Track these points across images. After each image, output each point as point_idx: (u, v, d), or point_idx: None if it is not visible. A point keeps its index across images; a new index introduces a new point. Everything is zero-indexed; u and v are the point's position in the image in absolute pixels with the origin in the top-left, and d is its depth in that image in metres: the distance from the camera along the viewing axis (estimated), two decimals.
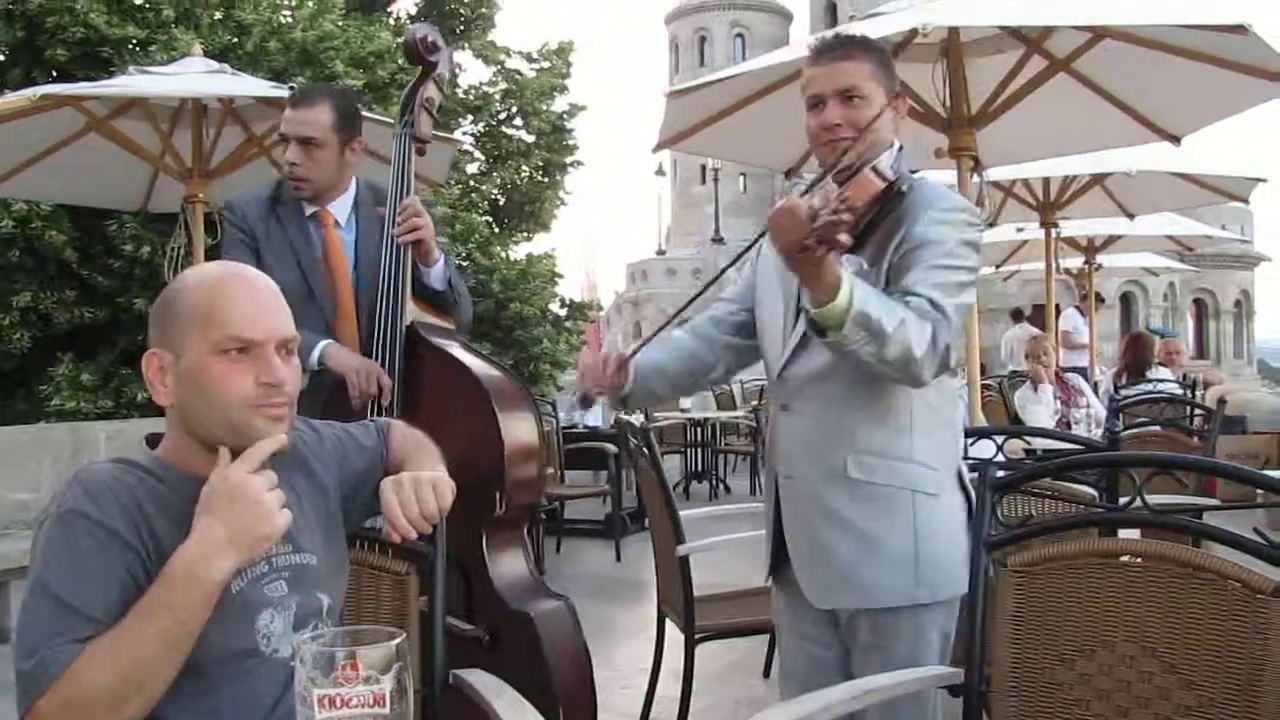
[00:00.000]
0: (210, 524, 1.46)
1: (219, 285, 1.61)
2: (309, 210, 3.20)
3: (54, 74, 10.04)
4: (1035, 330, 11.89)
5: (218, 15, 11.24)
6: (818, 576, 2.33)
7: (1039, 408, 6.25)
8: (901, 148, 2.29)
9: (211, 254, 5.50)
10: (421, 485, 1.69)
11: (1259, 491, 1.94)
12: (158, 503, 1.55)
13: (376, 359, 3.04)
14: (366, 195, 3.26)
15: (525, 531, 3.20)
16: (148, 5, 10.69)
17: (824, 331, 2.01)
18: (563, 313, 15.01)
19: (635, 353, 2.37)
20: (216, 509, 1.47)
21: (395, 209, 3.11)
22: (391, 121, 3.42)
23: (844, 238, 1.85)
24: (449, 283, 3.25)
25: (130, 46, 10.32)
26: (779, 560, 2.43)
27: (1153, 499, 1.95)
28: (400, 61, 10.94)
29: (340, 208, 3.23)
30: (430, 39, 3.25)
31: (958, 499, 2.32)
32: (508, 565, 3.02)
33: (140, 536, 1.50)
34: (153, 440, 1.68)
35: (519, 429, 2.99)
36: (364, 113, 3.34)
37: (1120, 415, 5.77)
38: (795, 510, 2.36)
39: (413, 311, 3.15)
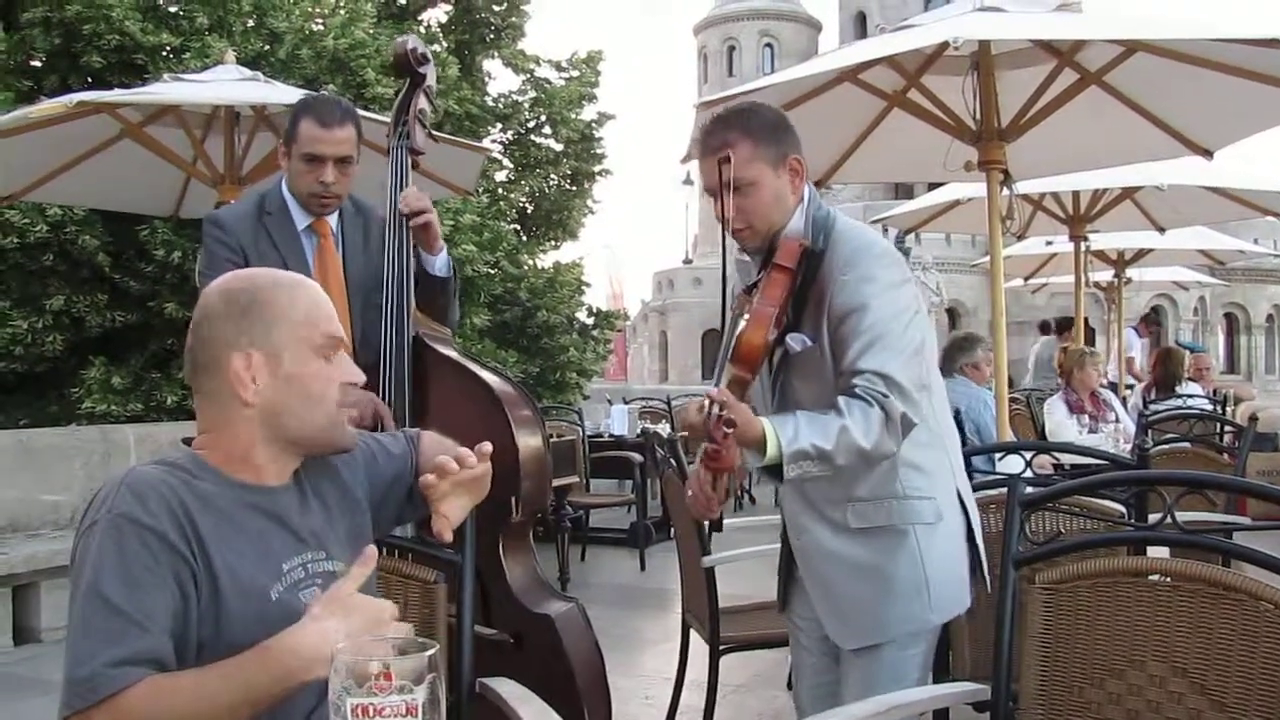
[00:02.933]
0: (338, 634, 1.38)
1: (304, 287, 1.70)
2: (303, 223, 3.12)
3: (89, 80, 10.12)
4: (1063, 344, 11.82)
5: (250, 23, 11.31)
6: (841, 621, 2.42)
7: (1069, 422, 6.21)
8: (810, 199, 2.37)
9: None
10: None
11: None
12: (202, 504, 1.55)
13: (385, 371, 3.02)
14: (349, 207, 3.20)
15: (532, 535, 3.25)
16: (182, 13, 10.77)
17: (778, 475, 2.11)
18: (589, 321, 15.01)
19: None
20: (353, 622, 1.41)
21: (398, 235, 3.08)
22: (384, 120, 3.39)
23: (731, 456, 1.99)
24: (448, 270, 3.21)
25: (164, 54, 10.40)
26: (787, 587, 2.59)
27: (1182, 516, 1.93)
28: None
29: (333, 219, 3.16)
30: (419, 51, 3.23)
31: (957, 518, 2.40)
32: (522, 570, 3.09)
33: (188, 540, 1.51)
34: (187, 444, 1.69)
35: (529, 434, 3.04)
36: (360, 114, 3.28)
37: (1149, 431, 5.73)
38: (810, 563, 2.46)
39: (416, 320, 3.14)
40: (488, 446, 1.77)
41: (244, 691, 1.40)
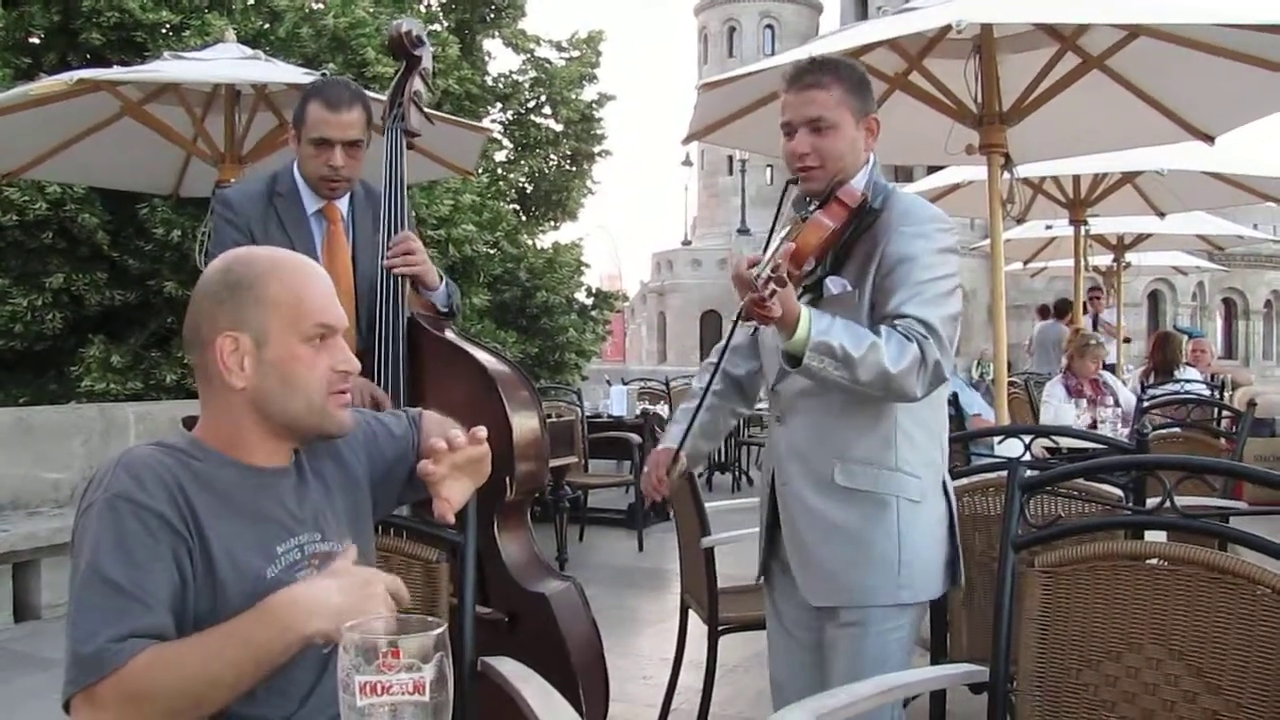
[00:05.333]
0: (330, 589, 1.46)
1: (301, 273, 1.66)
2: (313, 207, 3.13)
3: (88, 57, 10.09)
4: (1065, 328, 11.83)
5: (250, 1, 11.28)
6: (811, 577, 2.45)
7: (1067, 405, 6.22)
8: (875, 164, 2.46)
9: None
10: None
11: None
12: (199, 484, 1.56)
13: (381, 353, 3.03)
14: (360, 192, 3.21)
15: (529, 514, 3.27)
16: None
17: (796, 362, 2.16)
18: (589, 302, 15.00)
19: (682, 444, 2.55)
20: (346, 581, 1.48)
21: (393, 214, 3.11)
22: (381, 99, 3.42)
23: (774, 308, 2.03)
24: (449, 301, 3.25)
25: (164, 31, 10.36)
26: (768, 559, 2.62)
27: (1180, 501, 1.94)
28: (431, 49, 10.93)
29: (344, 204, 3.17)
30: (414, 33, 3.26)
31: (940, 505, 2.44)
32: (517, 549, 3.10)
33: (185, 520, 1.52)
34: (188, 423, 1.69)
35: (524, 414, 3.06)
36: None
37: (1147, 416, 5.74)
38: (790, 515, 2.49)
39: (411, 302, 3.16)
40: (483, 431, 1.77)
41: (246, 648, 1.42)
